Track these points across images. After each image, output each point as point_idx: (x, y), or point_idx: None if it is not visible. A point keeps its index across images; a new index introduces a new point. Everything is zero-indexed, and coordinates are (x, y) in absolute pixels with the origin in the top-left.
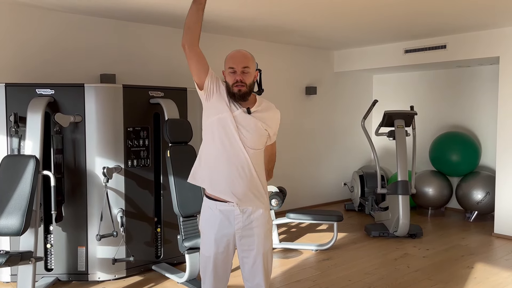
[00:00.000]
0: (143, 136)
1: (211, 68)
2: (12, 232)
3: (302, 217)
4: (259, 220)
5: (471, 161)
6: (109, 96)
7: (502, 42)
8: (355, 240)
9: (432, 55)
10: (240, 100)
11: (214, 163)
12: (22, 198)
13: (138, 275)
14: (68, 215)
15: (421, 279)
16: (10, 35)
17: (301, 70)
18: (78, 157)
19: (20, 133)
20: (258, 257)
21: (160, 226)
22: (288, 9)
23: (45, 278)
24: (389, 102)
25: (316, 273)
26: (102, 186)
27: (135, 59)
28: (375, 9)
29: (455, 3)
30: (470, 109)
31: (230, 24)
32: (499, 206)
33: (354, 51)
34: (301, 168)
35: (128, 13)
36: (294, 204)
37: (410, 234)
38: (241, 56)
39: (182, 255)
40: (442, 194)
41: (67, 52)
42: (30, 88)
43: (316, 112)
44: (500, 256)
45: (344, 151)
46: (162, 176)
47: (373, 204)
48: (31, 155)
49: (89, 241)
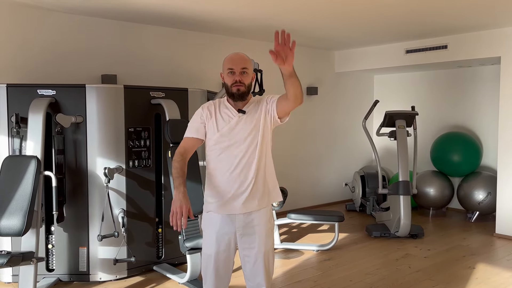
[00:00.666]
0: (144, 137)
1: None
2: (13, 232)
3: (303, 218)
4: (261, 218)
5: (473, 161)
6: (110, 96)
7: (503, 42)
8: (356, 240)
9: (433, 55)
10: (238, 99)
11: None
12: (24, 198)
13: (139, 276)
14: (70, 215)
15: (423, 279)
16: (11, 36)
17: (302, 71)
18: (79, 158)
19: (22, 134)
20: (259, 256)
21: (161, 227)
22: (288, 10)
23: (46, 278)
24: (390, 102)
25: (317, 274)
26: (103, 186)
27: (136, 59)
28: (376, 9)
29: (456, 3)
30: (471, 109)
31: (230, 25)
32: (501, 206)
33: (355, 52)
34: (302, 169)
35: (129, 14)
36: (295, 204)
37: (411, 235)
38: (240, 58)
39: (183, 256)
40: (443, 195)
41: (69, 53)
42: (31, 88)
43: (317, 113)
44: (502, 256)
45: (345, 152)
46: (163, 176)
47: (374, 204)
48: (33, 156)
49: (90, 242)
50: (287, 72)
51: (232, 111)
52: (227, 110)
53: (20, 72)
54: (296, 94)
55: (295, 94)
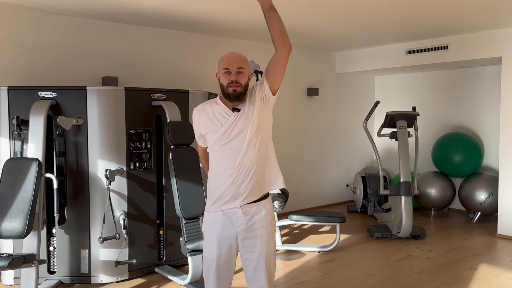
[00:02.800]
0: (145, 139)
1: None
2: (15, 235)
3: (305, 219)
4: (262, 221)
5: (474, 161)
6: (111, 98)
7: (504, 43)
8: (358, 241)
9: (434, 55)
10: (235, 100)
11: (214, 166)
12: (25, 201)
13: (140, 278)
14: (71, 217)
15: (424, 280)
16: (12, 38)
17: (302, 72)
18: (80, 160)
19: (23, 136)
20: (261, 259)
21: (163, 228)
22: (289, 10)
23: (48, 280)
24: (391, 103)
25: (319, 275)
26: (105, 188)
27: (137, 61)
28: (376, 10)
29: (457, 4)
30: (472, 109)
31: (231, 26)
32: (502, 206)
33: (355, 53)
34: (303, 170)
35: (130, 16)
36: (296, 205)
37: (413, 235)
38: (236, 57)
39: (185, 257)
40: (445, 195)
41: (69, 55)
42: (32, 91)
43: (318, 114)
44: (504, 257)
45: (346, 153)
46: (165, 178)
47: (376, 205)
48: (34, 158)
49: (91, 244)
50: (267, 5)
51: (226, 111)
52: (221, 110)
53: (21, 74)
54: (281, 30)
55: (280, 31)
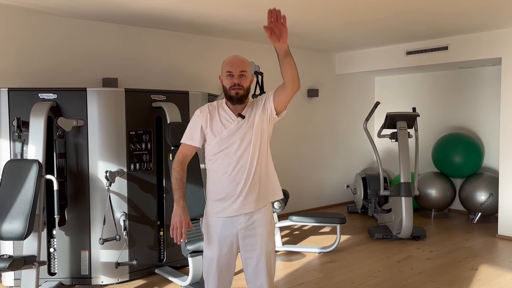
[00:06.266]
0: (146, 140)
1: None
2: (15, 236)
3: (305, 220)
4: (262, 220)
5: (474, 162)
6: (111, 100)
7: (504, 43)
8: (358, 242)
9: (434, 56)
10: (237, 103)
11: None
12: (25, 202)
13: (141, 279)
14: (71, 219)
15: (425, 281)
16: (12, 40)
17: (302, 73)
18: (80, 161)
19: (23, 138)
20: (261, 258)
21: (163, 230)
22: (288, 12)
23: (48, 282)
24: (391, 104)
25: (320, 276)
26: (105, 190)
27: (137, 63)
28: (376, 11)
29: (457, 4)
30: (472, 110)
31: (230, 28)
32: (503, 207)
33: (355, 53)
34: (304, 171)
35: (130, 18)
36: (296, 206)
37: (414, 236)
38: (239, 60)
39: (185, 259)
40: (445, 196)
41: (69, 57)
42: (32, 92)
43: (318, 115)
44: (504, 257)
45: (346, 153)
46: (165, 179)
47: (376, 206)
48: (34, 160)
49: (92, 245)
50: (282, 51)
51: (231, 116)
52: (226, 114)
53: (21, 76)
54: (292, 76)
55: (292, 76)
